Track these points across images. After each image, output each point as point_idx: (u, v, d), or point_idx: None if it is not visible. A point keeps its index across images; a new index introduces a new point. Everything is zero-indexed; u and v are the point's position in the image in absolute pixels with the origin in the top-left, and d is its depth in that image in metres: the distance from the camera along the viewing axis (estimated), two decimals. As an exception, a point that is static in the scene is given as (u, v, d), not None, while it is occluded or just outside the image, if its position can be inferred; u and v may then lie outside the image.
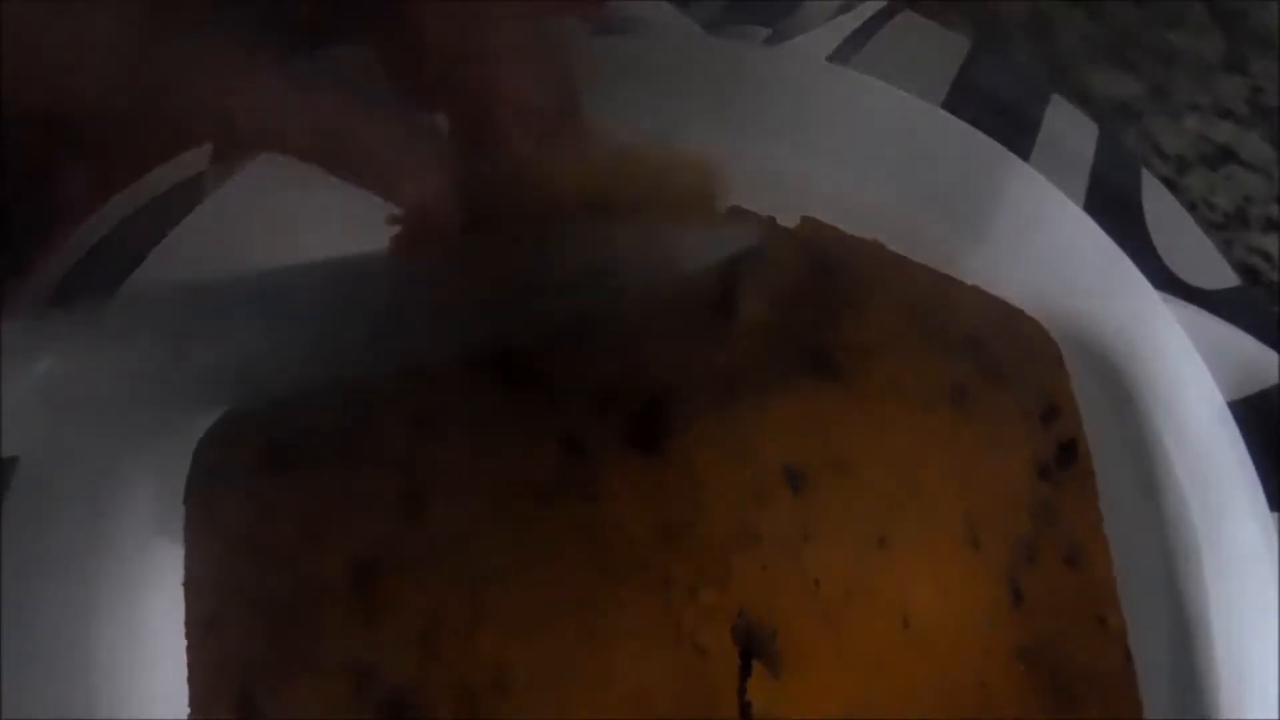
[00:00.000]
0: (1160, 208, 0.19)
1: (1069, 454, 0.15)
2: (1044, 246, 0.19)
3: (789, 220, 0.17)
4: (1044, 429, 0.15)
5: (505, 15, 0.14)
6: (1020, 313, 0.16)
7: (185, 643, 0.14)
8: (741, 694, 0.14)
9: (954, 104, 0.19)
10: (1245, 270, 0.22)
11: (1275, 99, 0.22)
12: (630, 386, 0.15)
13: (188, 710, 0.14)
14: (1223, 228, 0.22)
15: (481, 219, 0.14)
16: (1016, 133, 0.19)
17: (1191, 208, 0.21)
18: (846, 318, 0.15)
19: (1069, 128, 0.20)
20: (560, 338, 0.15)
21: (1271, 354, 0.19)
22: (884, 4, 0.20)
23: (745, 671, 0.14)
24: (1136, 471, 0.17)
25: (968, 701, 0.14)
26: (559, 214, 0.14)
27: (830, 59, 0.20)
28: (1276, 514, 0.19)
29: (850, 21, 0.20)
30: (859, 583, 0.14)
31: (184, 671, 0.14)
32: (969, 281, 0.16)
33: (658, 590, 0.14)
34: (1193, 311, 0.19)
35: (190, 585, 0.15)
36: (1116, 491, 0.16)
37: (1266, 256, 0.22)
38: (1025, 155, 0.19)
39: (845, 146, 0.19)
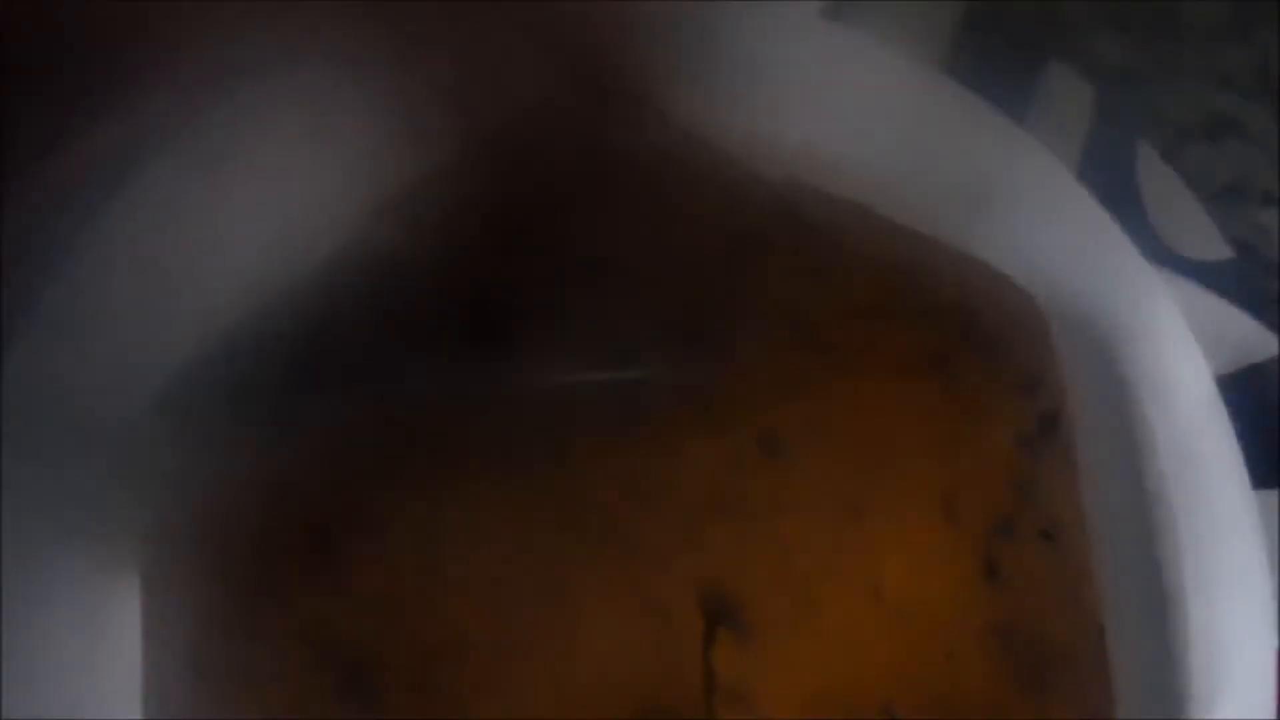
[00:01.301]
0: (1155, 177, 0.19)
1: (1051, 426, 0.15)
2: (1037, 217, 0.18)
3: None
4: (1026, 399, 0.15)
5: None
6: (1008, 280, 0.16)
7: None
8: (706, 663, 0.14)
9: (949, 65, 0.19)
10: (1241, 245, 0.21)
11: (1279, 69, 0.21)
12: (605, 350, 0.15)
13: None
14: (1219, 200, 0.21)
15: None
16: (1012, 95, 0.19)
17: (1188, 179, 0.21)
18: (826, 281, 0.15)
19: (1065, 92, 0.19)
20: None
21: (1262, 328, 0.18)
22: (877, -40, 0.19)
23: (711, 640, 0.14)
24: (1118, 446, 0.17)
25: (938, 676, 0.14)
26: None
27: (824, 15, 0.19)
28: (1261, 491, 0.19)
29: (844, -24, 0.19)
30: (831, 554, 0.14)
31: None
32: (957, 249, 0.16)
33: (625, 556, 0.14)
34: (1185, 285, 0.19)
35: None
36: (1097, 466, 0.15)
37: (1264, 231, 0.21)
38: (1020, 118, 0.19)
39: (837, 108, 0.18)
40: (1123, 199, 0.19)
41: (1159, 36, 0.21)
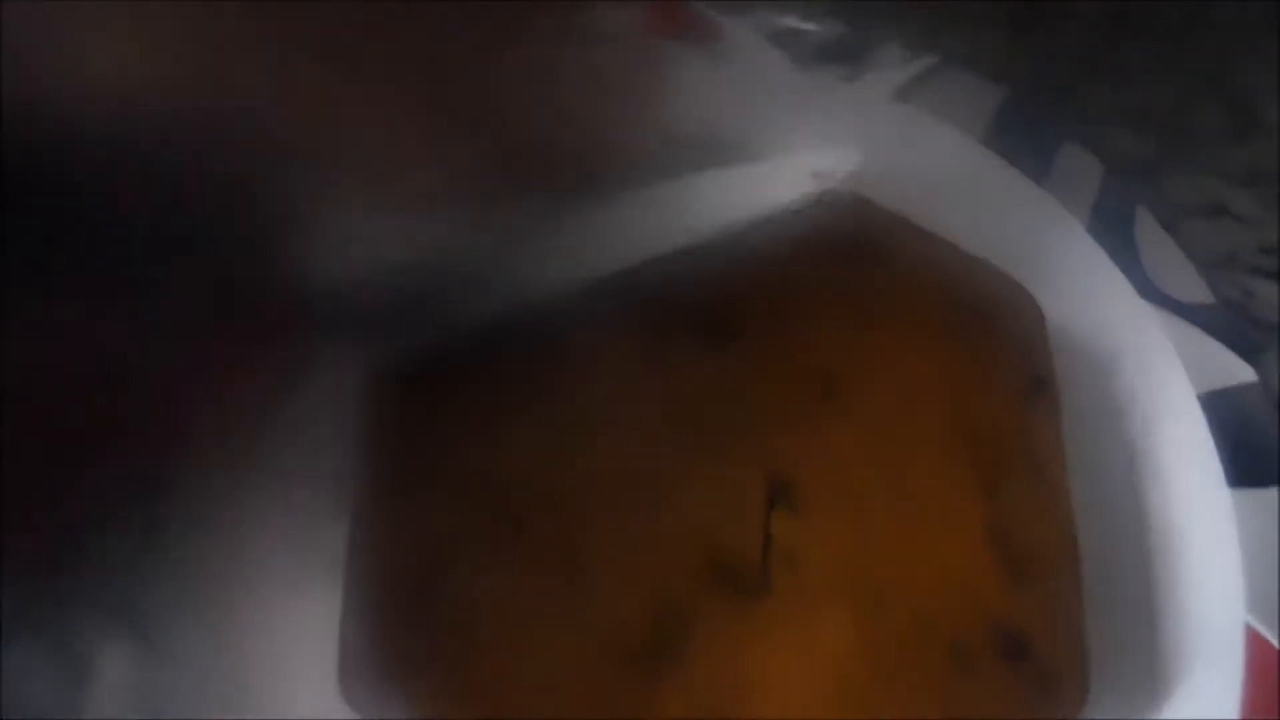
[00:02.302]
0: (1150, 235, 0.24)
1: (1041, 386, 0.19)
2: (1049, 250, 0.23)
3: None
4: (1023, 365, 0.19)
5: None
6: (1016, 283, 0.21)
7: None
8: (766, 529, 0.18)
9: (986, 140, 0.24)
10: (1233, 305, 0.25)
11: (1270, 165, 0.26)
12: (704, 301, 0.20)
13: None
14: (1215, 268, 0.26)
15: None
16: (1035, 165, 0.24)
17: (1187, 248, 0.25)
18: (885, 267, 0.20)
19: (1078, 166, 0.24)
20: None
21: (1234, 357, 0.23)
22: (937, 60, 0.25)
23: (770, 514, 0.18)
24: (1099, 416, 0.21)
25: (945, 559, 0.18)
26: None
27: (895, 98, 0.25)
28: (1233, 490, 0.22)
29: (910, 69, 0.25)
30: (872, 464, 0.19)
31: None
32: (981, 260, 0.21)
33: (712, 445, 0.19)
34: (1172, 320, 0.23)
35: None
36: (1079, 423, 0.20)
37: (1251, 295, 0.25)
38: (1040, 183, 0.24)
39: (905, 163, 0.24)
40: (1122, 249, 0.23)
41: (1166, 131, 0.26)
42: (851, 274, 0.20)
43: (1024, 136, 0.24)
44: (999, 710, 0.18)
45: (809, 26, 0.26)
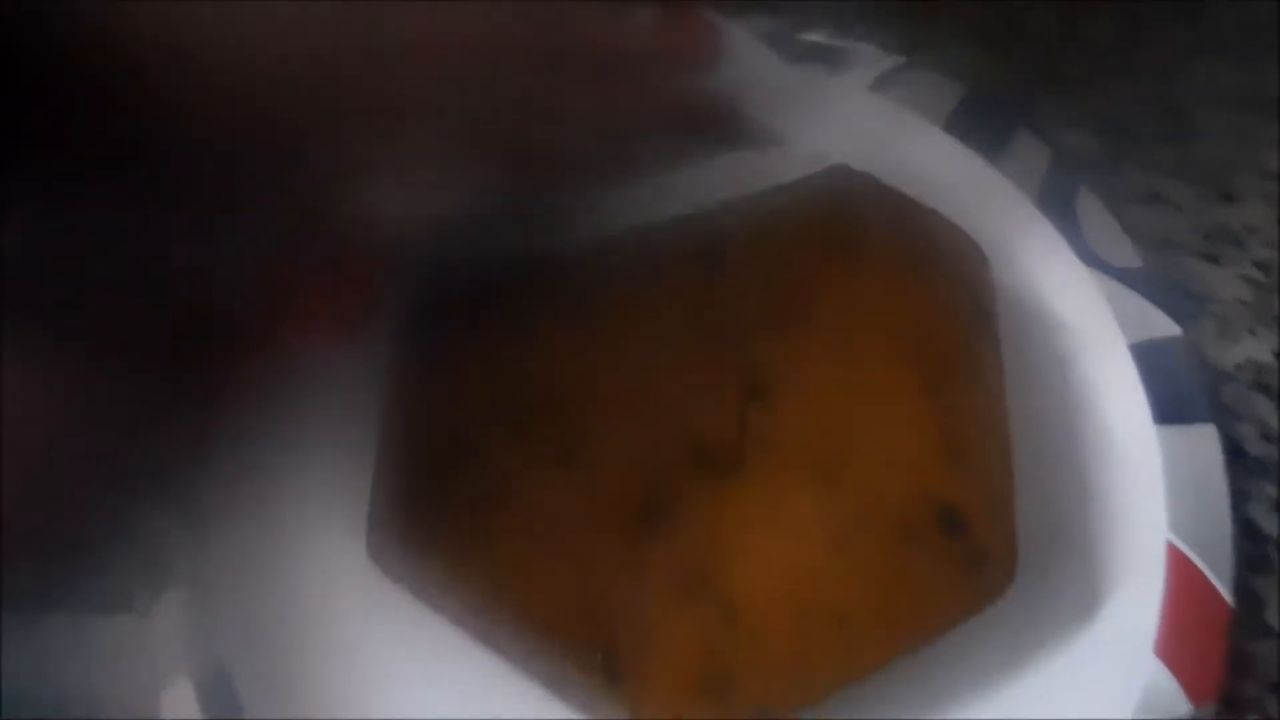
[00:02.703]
0: (1091, 211, 0.27)
1: (986, 315, 0.23)
2: (1000, 220, 0.27)
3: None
4: (969, 298, 0.23)
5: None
6: (966, 234, 0.24)
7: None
8: (742, 416, 0.22)
9: (946, 127, 0.28)
10: (1174, 283, 0.29)
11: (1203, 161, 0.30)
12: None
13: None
14: (1157, 249, 0.29)
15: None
16: (991, 149, 0.28)
17: (1131, 232, 0.29)
18: (859, 213, 0.23)
19: (1029, 150, 0.28)
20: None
21: (1162, 314, 0.26)
22: (905, 59, 0.29)
23: (747, 405, 0.22)
24: (1039, 350, 0.24)
25: (894, 444, 0.21)
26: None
27: (872, 89, 0.29)
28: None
29: (882, 67, 0.29)
30: (833, 364, 0.22)
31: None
32: (937, 213, 0.25)
33: (699, 345, 0.22)
34: (1109, 280, 0.26)
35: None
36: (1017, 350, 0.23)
37: (1191, 276, 0.29)
38: (994, 164, 0.28)
39: (879, 143, 0.28)
40: (1066, 221, 0.27)
41: (1111, 132, 0.30)
42: (827, 218, 0.23)
43: (980, 126, 0.28)
44: (938, 577, 0.21)
45: (799, 30, 0.30)
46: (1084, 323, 0.26)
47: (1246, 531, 0.26)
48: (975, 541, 0.21)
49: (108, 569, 0.24)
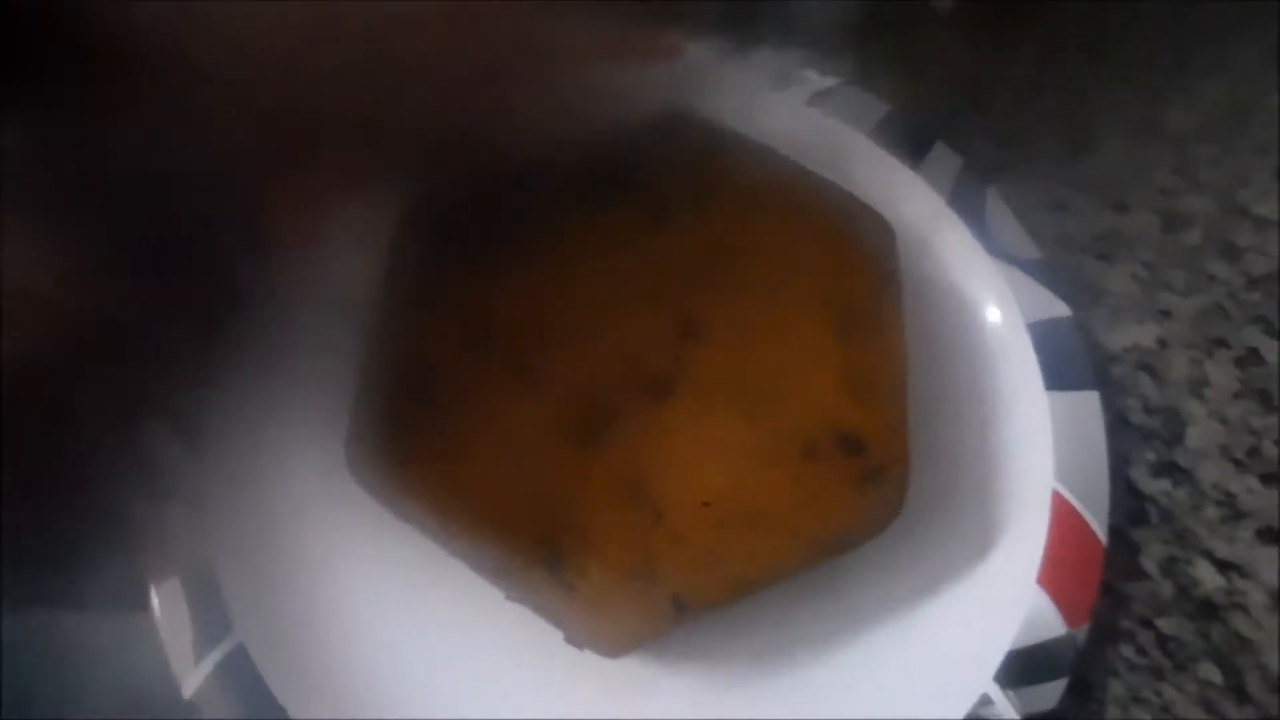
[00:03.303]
0: (997, 210, 0.31)
1: (890, 278, 0.26)
2: (915, 213, 0.30)
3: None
4: (877, 260, 0.26)
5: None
6: (878, 215, 0.28)
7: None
8: (676, 350, 0.25)
9: (872, 136, 0.32)
10: (1072, 280, 0.32)
11: (1100, 174, 0.34)
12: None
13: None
14: (1056, 247, 0.33)
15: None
16: (908, 157, 0.32)
17: (1035, 233, 0.33)
18: (787, 189, 0.27)
19: (944, 159, 0.32)
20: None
21: (1055, 298, 0.30)
22: (842, 80, 0.33)
23: (681, 341, 0.25)
24: (944, 319, 0.28)
25: (806, 379, 0.25)
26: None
27: (807, 104, 0.33)
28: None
29: (820, 85, 0.33)
30: (756, 310, 0.25)
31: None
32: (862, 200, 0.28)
33: (644, 289, 0.26)
34: (1010, 269, 0.30)
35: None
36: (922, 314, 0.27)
37: (1087, 277, 0.33)
38: (914, 168, 0.32)
39: (814, 151, 0.32)
40: (974, 218, 0.31)
41: (1020, 147, 0.34)
42: (761, 191, 0.27)
43: (902, 137, 0.32)
44: (840, 488, 0.24)
45: (752, 52, 0.34)
46: (987, 300, 0.30)
47: (1129, 490, 0.29)
48: (873, 461, 0.24)
49: (113, 480, 0.27)
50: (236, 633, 0.25)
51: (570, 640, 0.24)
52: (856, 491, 0.24)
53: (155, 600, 0.25)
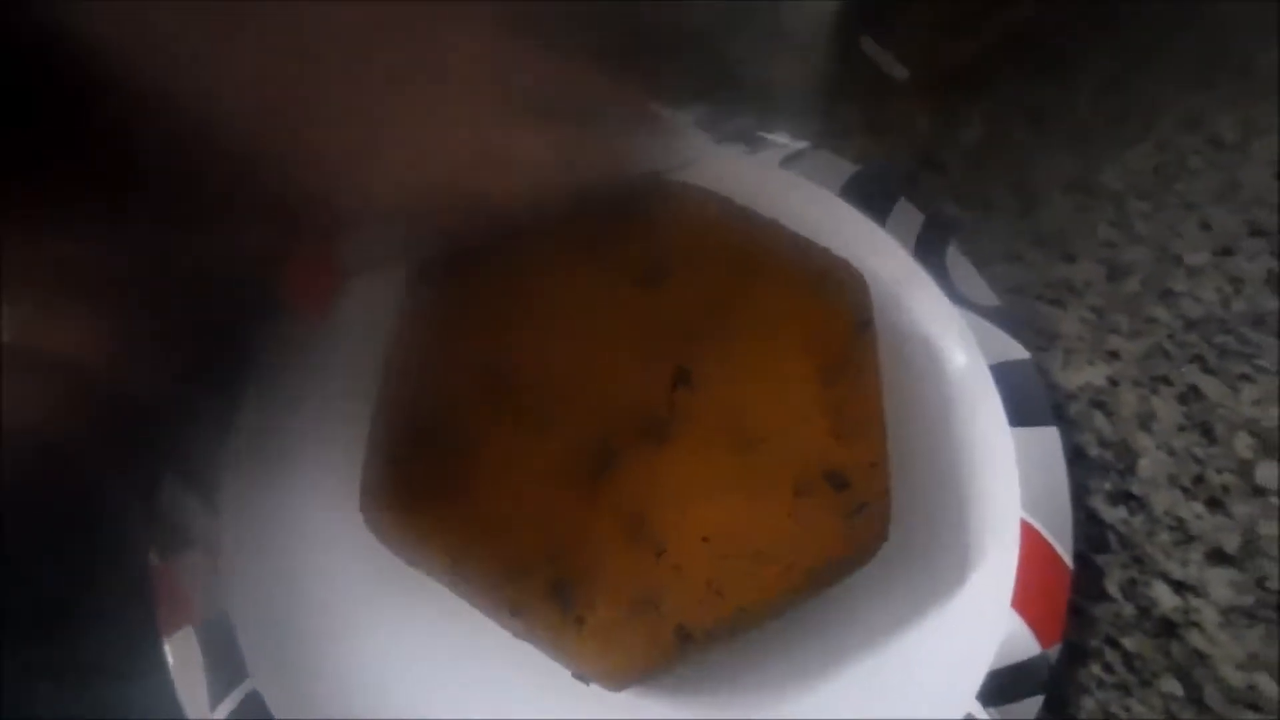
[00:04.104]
0: (957, 262, 0.34)
1: (865, 326, 0.29)
2: (881, 264, 0.33)
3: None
4: (854, 310, 0.29)
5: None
6: (851, 267, 0.30)
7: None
8: (670, 396, 0.27)
9: (841, 195, 0.35)
10: (1026, 324, 0.35)
11: (1050, 229, 0.37)
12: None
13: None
14: (1012, 294, 0.36)
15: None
16: (877, 213, 0.34)
17: (992, 281, 0.35)
18: (773, 256, 0.30)
19: (907, 215, 0.35)
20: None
21: (1014, 342, 0.32)
22: (809, 144, 0.36)
23: (675, 388, 0.27)
24: (911, 362, 0.30)
25: (794, 422, 0.26)
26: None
27: (781, 165, 0.36)
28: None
29: (791, 148, 0.36)
30: (746, 358, 0.27)
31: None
32: (831, 253, 0.31)
33: (639, 341, 0.27)
34: (972, 315, 0.33)
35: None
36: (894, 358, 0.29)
37: (1041, 317, 0.35)
38: (880, 223, 0.34)
39: (787, 208, 0.34)
40: (936, 269, 0.33)
41: (977, 206, 0.37)
42: (745, 248, 0.29)
43: (868, 195, 0.35)
44: (827, 521, 0.26)
45: (726, 117, 0.37)
46: (953, 345, 0.32)
47: (1090, 518, 0.32)
48: (857, 495, 0.26)
49: (131, 529, 0.28)
50: (252, 678, 0.26)
51: (577, 675, 0.25)
52: (844, 524, 0.26)
53: (168, 649, 0.26)
